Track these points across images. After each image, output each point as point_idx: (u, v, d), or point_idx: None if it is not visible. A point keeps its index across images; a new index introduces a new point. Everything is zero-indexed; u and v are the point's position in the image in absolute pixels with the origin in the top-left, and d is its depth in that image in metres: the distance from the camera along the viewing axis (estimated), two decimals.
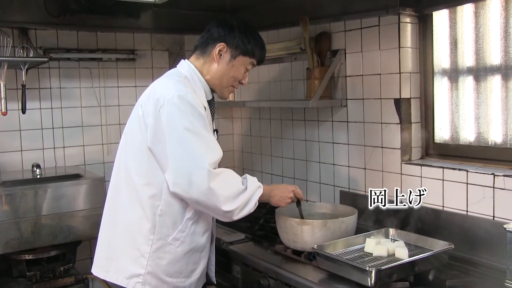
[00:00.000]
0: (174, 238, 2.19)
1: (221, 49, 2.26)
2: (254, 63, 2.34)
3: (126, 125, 2.30)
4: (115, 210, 2.28)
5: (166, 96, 2.10)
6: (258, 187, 2.21)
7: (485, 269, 2.23)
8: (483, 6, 2.46)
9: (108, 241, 2.29)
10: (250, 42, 2.28)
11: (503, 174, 2.28)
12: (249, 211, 2.17)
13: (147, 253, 2.18)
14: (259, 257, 2.51)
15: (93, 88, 3.63)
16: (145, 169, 2.16)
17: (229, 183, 2.11)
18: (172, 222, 2.19)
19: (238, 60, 2.28)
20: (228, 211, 2.09)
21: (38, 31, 3.39)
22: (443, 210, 2.52)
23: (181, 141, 2.07)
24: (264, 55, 2.38)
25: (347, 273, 2.09)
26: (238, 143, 4.08)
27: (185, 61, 2.34)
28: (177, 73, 2.30)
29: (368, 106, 2.90)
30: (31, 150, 3.44)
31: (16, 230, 2.85)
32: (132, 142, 2.22)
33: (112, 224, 2.28)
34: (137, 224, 2.18)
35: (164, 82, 2.24)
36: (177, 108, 2.08)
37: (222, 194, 2.06)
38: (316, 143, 3.30)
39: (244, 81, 2.36)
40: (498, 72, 2.44)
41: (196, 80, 2.27)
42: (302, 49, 3.15)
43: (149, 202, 2.16)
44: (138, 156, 2.18)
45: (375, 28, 2.81)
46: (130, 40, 3.75)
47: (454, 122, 2.66)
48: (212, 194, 2.05)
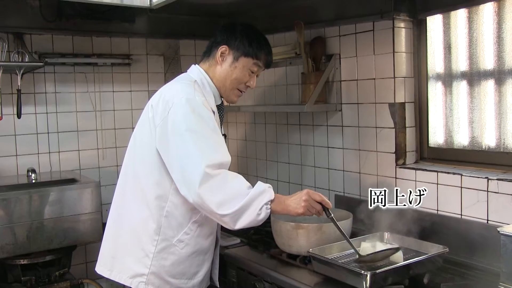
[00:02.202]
0: (178, 239, 2.21)
1: (223, 51, 2.28)
2: (260, 65, 2.33)
3: (135, 128, 2.33)
4: (121, 210, 2.31)
5: (175, 98, 2.13)
6: (263, 191, 2.07)
7: (479, 272, 2.24)
8: (477, 11, 2.48)
9: (114, 240, 2.31)
10: (253, 44, 2.29)
11: (496, 178, 2.29)
12: (253, 218, 2.04)
13: (152, 253, 2.20)
14: (254, 261, 2.52)
15: (88, 93, 3.63)
16: (152, 170, 2.18)
17: (224, 186, 2.03)
18: (177, 224, 2.20)
19: (241, 62, 2.29)
20: (224, 215, 2.02)
21: (34, 35, 3.39)
22: (438, 213, 2.53)
23: (183, 142, 2.08)
24: (270, 58, 2.37)
25: (342, 276, 2.10)
26: (233, 148, 4.08)
27: (195, 65, 2.37)
28: (187, 77, 2.33)
29: (362, 110, 2.91)
30: (26, 154, 3.43)
31: (11, 235, 2.84)
32: (141, 144, 2.25)
33: (118, 223, 2.31)
34: (142, 225, 2.21)
35: (174, 85, 2.26)
36: (185, 110, 2.10)
37: (213, 197, 2.00)
38: (311, 147, 3.30)
39: (251, 84, 2.35)
40: (492, 77, 2.45)
41: (205, 84, 2.29)
42: (297, 54, 3.15)
43: (155, 202, 2.18)
44: (146, 157, 2.20)
45: (369, 33, 2.82)
46: (125, 45, 3.75)
47: (448, 127, 2.67)
48: (203, 198, 2.00)
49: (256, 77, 2.37)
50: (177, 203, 2.17)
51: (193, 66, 2.38)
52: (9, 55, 3.22)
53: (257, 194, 2.05)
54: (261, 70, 2.37)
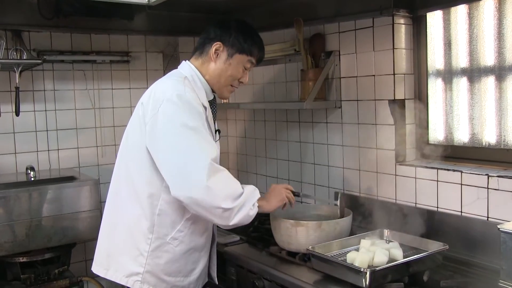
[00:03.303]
0: (172, 237, 2.21)
1: (218, 48, 2.27)
2: (253, 61, 2.34)
3: (128, 125, 2.32)
4: (115, 209, 2.30)
5: (165, 94, 2.12)
6: (254, 189, 2.20)
7: (479, 269, 2.23)
8: (477, 7, 2.47)
9: (108, 239, 2.31)
10: (247, 41, 2.29)
11: (497, 174, 2.29)
12: (246, 213, 2.13)
13: (146, 251, 2.19)
14: (253, 258, 2.51)
15: (87, 90, 3.62)
16: (144, 168, 2.17)
17: (228, 182, 2.10)
18: (171, 222, 2.20)
19: (235, 59, 2.28)
20: (227, 209, 2.05)
21: (32, 33, 3.38)
22: (438, 211, 2.52)
23: (179, 137, 2.07)
24: (262, 54, 2.38)
25: (342, 274, 2.09)
26: (232, 145, 4.08)
27: (186, 62, 2.36)
28: (177, 73, 2.32)
29: (362, 107, 2.90)
30: (25, 152, 3.43)
31: (10, 232, 2.84)
32: (133, 142, 2.24)
33: (112, 222, 2.30)
34: (136, 223, 2.20)
35: (164, 82, 2.25)
36: (175, 106, 2.09)
37: (221, 191, 2.04)
38: (311, 144, 3.29)
39: (244, 80, 2.37)
40: (492, 73, 2.44)
41: (196, 80, 2.28)
42: (296, 50, 3.14)
43: (148, 201, 2.18)
44: (138, 155, 2.19)
45: (369, 29, 2.81)
46: (124, 42, 3.74)
47: (448, 123, 2.66)
48: (212, 190, 2.02)
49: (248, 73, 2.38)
50: (170, 201, 2.16)
51: (183, 63, 2.36)
52: (7, 53, 3.21)
53: (250, 191, 2.17)
54: (254, 66, 2.37)
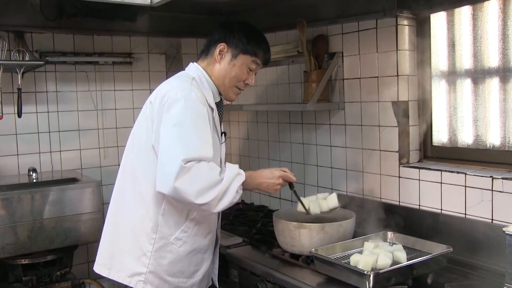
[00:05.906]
0: (176, 238, 2.21)
1: (222, 49, 2.29)
2: (258, 62, 2.34)
3: (134, 126, 2.33)
4: (119, 209, 2.30)
5: (171, 94, 2.13)
6: (236, 174, 2.13)
7: (484, 272, 2.22)
8: (481, 8, 2.46)
9: (112, 239, 2.31)
10: (251, 41, 2.29)
11: (501, 177, 2.27)
12: (230, 200, 2.10)
13: (149, 252, 2.19)
14: (256, 261, 2.50)
15: (89, 92, 3.62)
16: (149, 168, 2.17)
17: (200, 177, 2.03)
18: (174, 222, 2.20)
19: (239, 59, 2.29)
20: (203, 204, 2.03)
21: (34, 34, 3.38)
22: (442, 213, 2.51)
23: (168, 135, 2.08)
24: (268, 55, 2.38)
25: (345, 276, 2.08)
26: (235, 147, 4.07)
27: (193, 63, 2.38)
28: (185, 74, 2.34)
29: (365, 109, 2.89)
30: (27, 154, 3.43)
31: (12, 234, 2.83)
32: (139, 141, 2.25)
33: (116, 222, 2.30)
34: (140, 223, 2.21)
35: (171, 82, 2.27)
36: (179, 105, 2.10)
37: (191, 189, 2.01)
38: (314, 146, 3.28)
39: (249, 82, 2.37)
40: (496, 75, 2.43)
41: (204, 82, 2.29)
42: (299, 52, 3.14)
43: (152, 201, 2.18)
44: (143, 154, 2.20)
45: (372, 30, 2.80)
46: (127, 44, 3.74)
47: (452, 125, 2.65)
48: (179, 191, 2.00)
49: (254, 75, 2.38)
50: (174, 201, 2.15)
51: (191, 64, 2.39)
52: (10, 54, 3.21)
53: (231, 177, 2.11)
54: (259, 67, 2.37)
